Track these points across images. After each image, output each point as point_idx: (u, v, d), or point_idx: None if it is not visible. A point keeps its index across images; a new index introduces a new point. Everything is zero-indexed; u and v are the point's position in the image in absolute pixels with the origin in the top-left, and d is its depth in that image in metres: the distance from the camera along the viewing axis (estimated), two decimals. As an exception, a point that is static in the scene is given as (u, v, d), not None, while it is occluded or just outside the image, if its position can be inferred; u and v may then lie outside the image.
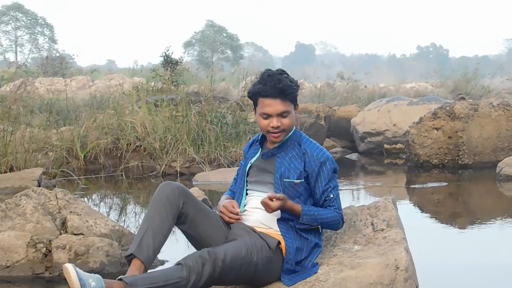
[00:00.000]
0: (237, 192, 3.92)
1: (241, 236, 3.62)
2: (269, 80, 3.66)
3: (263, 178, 3.76)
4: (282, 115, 3.68)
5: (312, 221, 3.65)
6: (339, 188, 3.80)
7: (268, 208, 3.58)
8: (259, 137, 3.92)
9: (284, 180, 3.68)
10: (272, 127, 3.67)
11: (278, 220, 3.66)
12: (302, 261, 3.67)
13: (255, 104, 3.76)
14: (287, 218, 3.66)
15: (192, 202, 3.63)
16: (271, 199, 3.56)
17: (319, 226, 3.71)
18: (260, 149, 3.86)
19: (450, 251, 5.38)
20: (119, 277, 3.25)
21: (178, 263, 3.33)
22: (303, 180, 3.69)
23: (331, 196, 3.69)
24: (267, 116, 3.68)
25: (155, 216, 3.49)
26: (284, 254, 3.64)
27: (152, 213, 3.50)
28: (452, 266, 4.92)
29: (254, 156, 3.86)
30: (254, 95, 3.74)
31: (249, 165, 3.85)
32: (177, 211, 3.55)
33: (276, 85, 3.64)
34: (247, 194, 3.85)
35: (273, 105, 3.66)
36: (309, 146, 3.74)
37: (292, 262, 3.63)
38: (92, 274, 3.23)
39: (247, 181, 3.85)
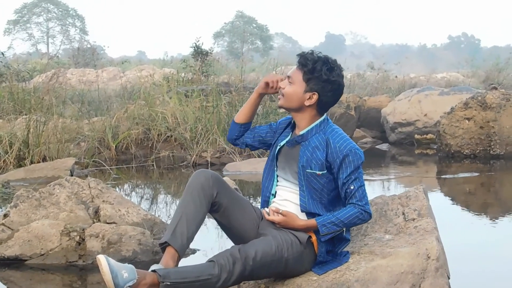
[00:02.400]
0: (266, 173, 3.86)
1: (271, 230, 3.60)
2: (302, 53, 3.72)
3: (289, 166, 3.72)
4: (288, 79, 3.69)
5: (333, 228, 3.55)
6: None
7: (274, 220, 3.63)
8: (291, 122, 3.87)
9: (307, 171, 3.62)
10: (279, 86, 3.74)
11: (307, 215, 3.65)
12: (332, 251, 3.67)
13: None
14: (316, 214, 3.64)
15: (226, 191, 3.64)
16: (276, 213, 3.60)
17: (344, 229, 3.60)
18: (291, 132, 3.82)
19: (482, 242, 5.36)
20: (152, 269, 3.28)
21: (210, 260, 3.34)
22: (325, 171, 3.60)
23: (352, 187, 3.56)
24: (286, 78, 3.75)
25: (189, 204, 3.50)
26: (315, 248, 3.63)
27: (186, 201, 3.52)
28: (484, 256, 4.91)
29: (284, 140, 3.80)
30: None
31: (278, 147, 3.79)
32: (211, 199, 3.56)
33: (305, 54, 3.68)
34: (277, 180, 3.80)
35: (293, 69, 3.71)
36: (333, 136, 3.64)
37: (324, 255, 3.63)
38: (126, 264, 3.24)
39: (276, 165, 3.80)
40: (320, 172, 3.60)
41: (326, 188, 3.62)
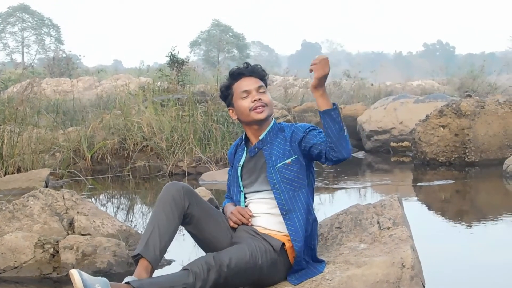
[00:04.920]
0: (234, 198, 3.92)
1: (245, 239, 3.62)
2: (237, 68, 3.87)
3: (256, 177, 3.76)
4: (259, 90, 3.77)
5: (340, 116, 3.48)
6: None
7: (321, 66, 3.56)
8: (242, 140, 3.94)
9: (277, 166, 3.66)
10: (255, 100, 3.73)
11: (284, 218, 3.64)
12: (307, 261, 3.67)
13: (230, 100, 3.85)
14: (297, 211, 3.64)
15: (197, 202, 3.64)
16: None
17: (345, 128, 3.50)
18: (245, 148, 3.87)
19: (456, 249, 5.38)
20: (126, 281, 3.26)
21: (185, 269, 3.34)
22: (294, 156, 3.67)
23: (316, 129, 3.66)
24: (247, 94, 3.76)
25: (161, 216, 3.50)
26: (289, 256, 3.64)
27: (158, 213, 3.52)
28: (459, 264, 4.93)
29: (242, 157, 3.86)
30: (228, 87, 3.86)
31: (239, 167, 3.84)
32: (183, 211, 3.56)
33: (246, 67, 3.84)
34: (245, 198, 3.85)
35: (250, 81, 3.79)
36: (292, 126, 3.75)
37: (301, 260, 3.62)
38: (99, 277, 3.23)
39: (242, 185, 3.85)
40: (290, 160, 3.67)
41: (300, 174, 3.68)
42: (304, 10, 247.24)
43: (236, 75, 3.83)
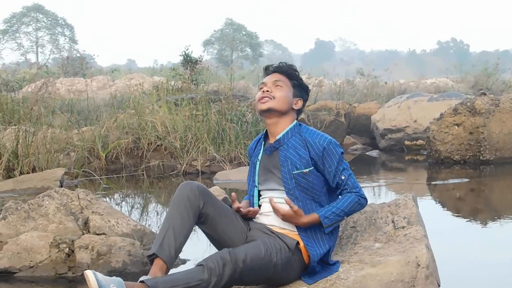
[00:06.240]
0: (248, 192, 3.94)
1: (260, 237, 3.63)
2: (270, 64, 3.98)
3: (271, 175, 3.77)
4: (275, 84, 3.81)
5: (335, 219, 3.62)
6: (360, 185, 3.79)
7: (278, 213, 3.64)
8: (263, 135, 3.95)
9: (293, 173, 3.67)
10: (263, 91, 3.79)
11: (297, 227, 3.66)
12: (324, 260, 3.67)
13: None
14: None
15: (212, 202, 3.64)
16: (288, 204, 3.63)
17: (346, 213, 3.67)
18: (263, 144, 3.90)
19: (471, 248, 5.35)
20: (140, 279, 3.27)
21: (200, 264, 3.34)
22: (312, 168, 3.67)
23: (342, 177, 3.67)
24: (263, 85, 3.83)
25: (176, 215, 3.51)
26: (303, 255, 3.64)
27: (173, 213, 3.52)
28: (474, 263, 4.90)
29: (260, 152, 3.88)
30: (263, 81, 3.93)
31: (258, 162, 3.87)
32: (198, 210, 3.57)
33: (278, 64, 3.93)
34: (259, 195, 3.87)
35: (271, 76, 3.87)
36: (309, 134, 3.75)
37: (315, 267, 3.63)
38: (114, 277, 3.23)
39: (257, 180, 3.87)
40: (307, 170, 3.68)
41: (316, 185, 3.69)
42: (317, 8, 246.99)
43: (267, 71, 3.93)
